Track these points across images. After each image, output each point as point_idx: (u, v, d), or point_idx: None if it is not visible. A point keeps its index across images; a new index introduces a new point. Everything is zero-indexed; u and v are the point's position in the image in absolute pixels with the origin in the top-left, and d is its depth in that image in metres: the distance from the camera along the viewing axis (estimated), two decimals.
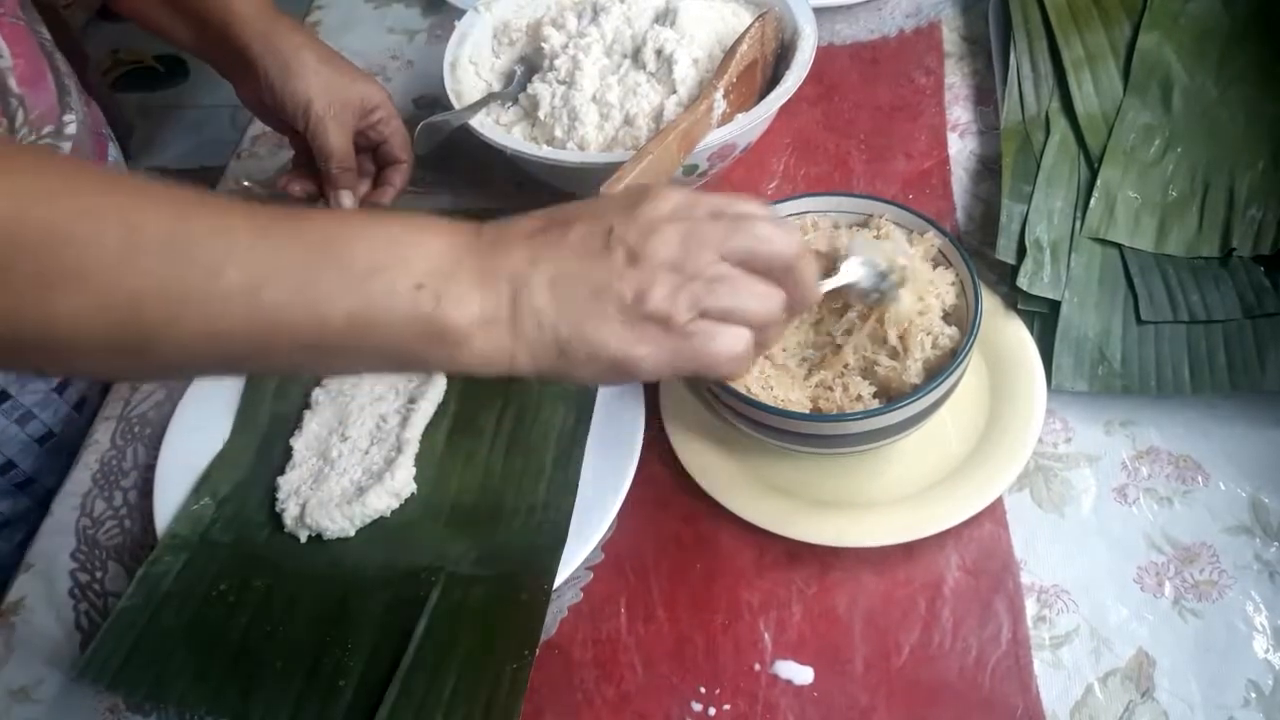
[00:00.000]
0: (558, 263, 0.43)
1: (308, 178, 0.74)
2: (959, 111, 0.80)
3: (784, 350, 0.59)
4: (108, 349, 0.40)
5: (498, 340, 0.42)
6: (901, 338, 0.56)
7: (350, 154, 0.72)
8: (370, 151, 0.76)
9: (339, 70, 0.72)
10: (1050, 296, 0.64)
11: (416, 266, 0.41)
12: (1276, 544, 0.55)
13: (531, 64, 0.78)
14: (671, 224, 0.43)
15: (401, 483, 0.61)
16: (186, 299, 0.39)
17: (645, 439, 0.61)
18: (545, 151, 0.70)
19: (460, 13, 0.81)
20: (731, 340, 0.43)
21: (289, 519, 0.61)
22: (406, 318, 0.41)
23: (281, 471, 0.63)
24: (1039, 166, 0.71)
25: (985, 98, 0.81)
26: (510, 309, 0.42)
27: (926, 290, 0.57)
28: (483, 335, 0.42)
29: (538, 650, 0.53)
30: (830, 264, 0.57)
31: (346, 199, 0.73)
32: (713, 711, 0.53)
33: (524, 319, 0.42)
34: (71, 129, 0.72)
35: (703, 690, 0.54)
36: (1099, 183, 0.69)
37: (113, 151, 0.83)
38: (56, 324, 0.38)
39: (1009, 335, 0.63)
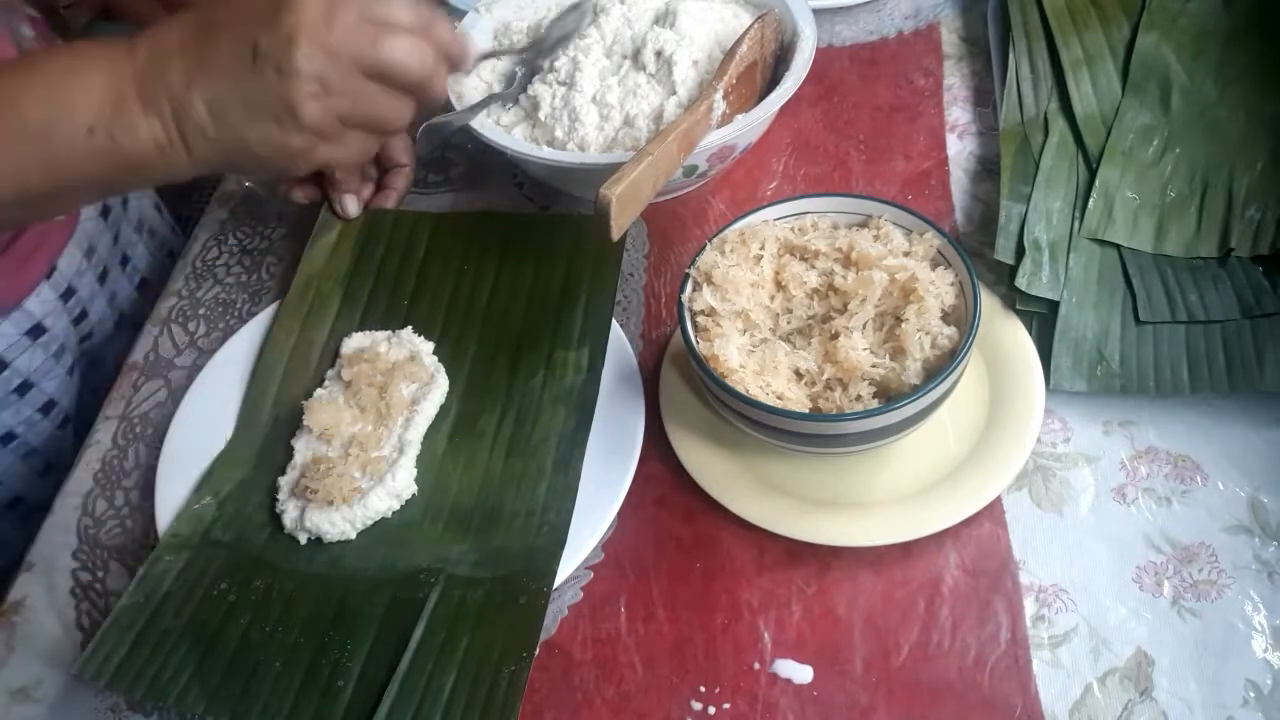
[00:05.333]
0: (210, 84, 0.45)
1: (310, 183, 0.74)
2: (958, 112, 0.80)
3: (786, 354, 0.59)
4: None
5: (175, 158, 0.46)
6: (900, 337, 0.57)
7: None
8: (372, 157, 0.76)
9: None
10: (1049, 297, 0.64)
11: (83, 110, 0.44)
12: (1275, 544, 0.55)
13: (532, 65, 0.78)
14: (310, 34, 0.45)
15: (402, 484, 0.61)
16: None
17: (645, 439, 0.61)
18: (545, 152, 0.70)
19: (460, 14, 0.81)
20: (366, 145, 0.50)
21: (288, 520, 0.61)
22: (90, 158, 0.44)
23: (283, 472, 0.63)
24: (1038, 167, 0.71)
25: (984, 99, 0.81)
26: (177, 131, 0.45)
27: (926, 291, 0.57)
28: (160, 158, 0.45)
29: (537, 651, 0.54)
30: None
31: (351, 203, 0.73)
32: (712, 710, 0.53)
33: (192, 137, 0.45)
34: None
35: (702, 689, 0.54)
36: (1097, 183, 0.69)
37: None
38: None
39: (1008, 336, 0.63)
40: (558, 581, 0.56)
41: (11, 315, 0.73)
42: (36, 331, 0.75)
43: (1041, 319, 0.64)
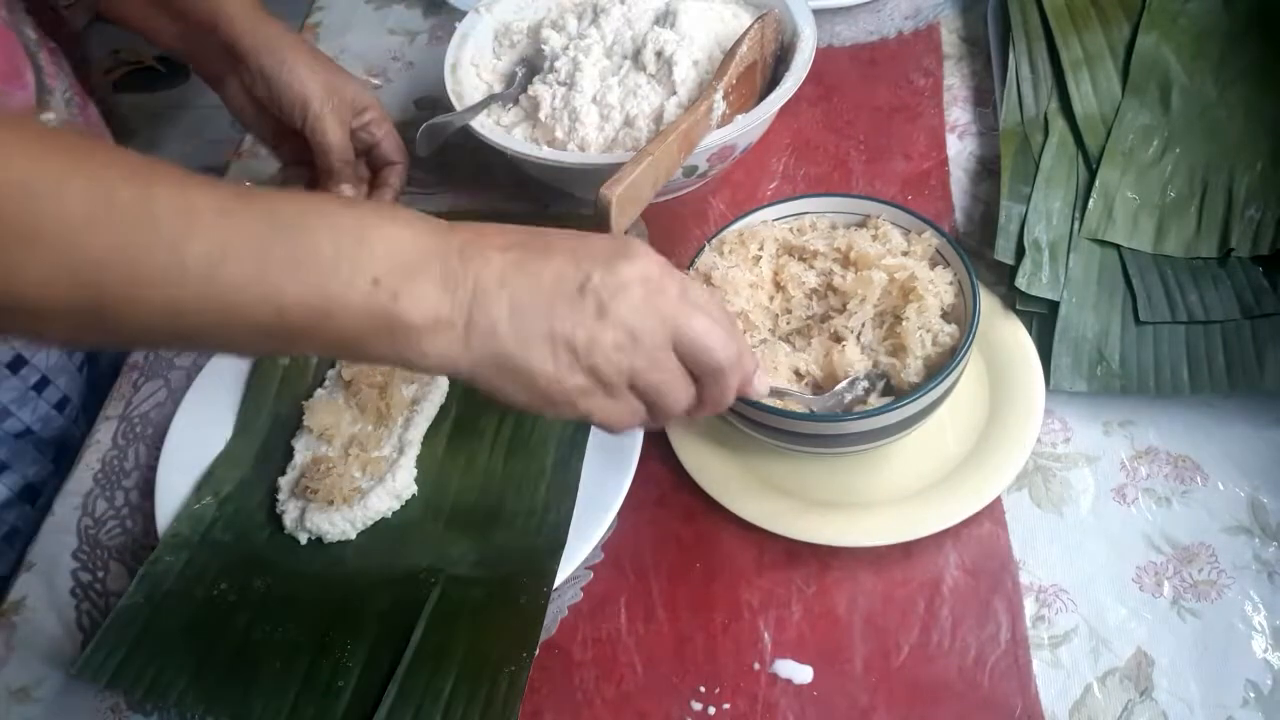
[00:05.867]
0: (528, 291, 0.43)
1: (305, 165, 0.74)
2: (958, 112, 0.80)
3: (786, 355, 0.59)
4: (70, 314, 0.40)
5: (446, 344, 0.43)
6: (901, 335, 0.57)
7: (350, 148, 0.72)
8: (364, 155, 0.76)
9: (331, 68, 0.72)
10: (1049, 297, 0.64)
11: (379, 260, 0.42)
12: (1275, 544, 0.55)
13: (532, 65, 0.78)
14: (643, 289, 0.44)
15: (402, 484, 0.61)
16: (146, 269, 0.39)
17: (645, 439, 0.61)
18: (546, 152, 0.70)
19: (461, 14, 0.82)
20: (634, 415, 0.47)
21: (288, 520, 0.61)
22: (361, 310, 0.41)
23: (283, 472, 0.63)
24: (1037, 167, 0.71)
25: (984, 99, 0.81)
26: (466, 317, 0.43)
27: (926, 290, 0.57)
28: (433, 336, 0.43)
29: (537, 651, 0.54)
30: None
31: (349, 192, 0.73)
32: (712, 710, 0.53)
33: (477, 331, 0.43)
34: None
35: (703, 689, 0.54)
36: (1097, 183, 0.69)
37: None
38: (22, 285, 0.38)
39: (1007, 336, 0.63)
40: (558, 581, 0.56)
41: None
42: None
43: (1041, 319, 0.64)
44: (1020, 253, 0.66)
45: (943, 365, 0.55)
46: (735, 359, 0.47)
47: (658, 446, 0.62)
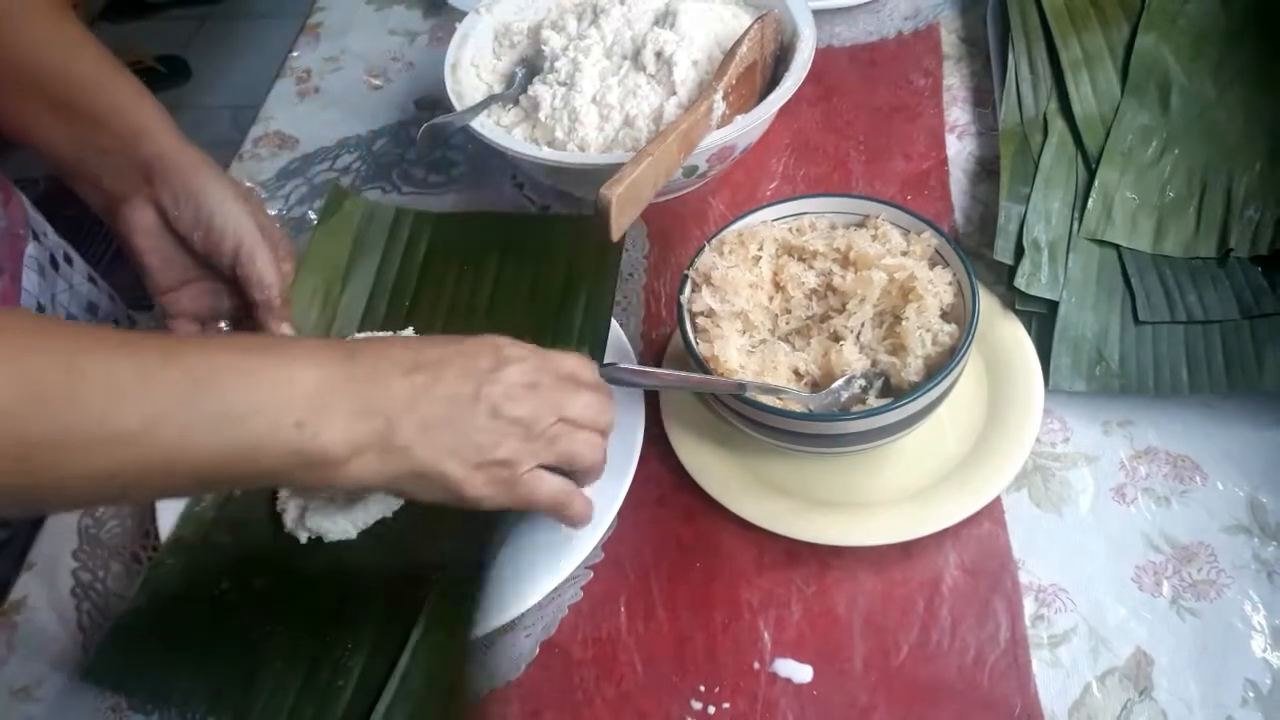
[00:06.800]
0: (432, 409, 0.48)
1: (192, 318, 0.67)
2: (957, 113, 0.80)
3: (786, 355, 0.59)
4: (3, 491, 0.42)
5: (364, 466, 0.47)
6: (901, 335, 0.57)
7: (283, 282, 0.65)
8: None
9: (250, 196, 0.65)
10: (1048, 297, 0.64)
11: (298, 404, 0.45)
12: (1274, 543, 0.55)
13: (532, 66, 0.78)
14: (525, 388, 0.50)
15: None
16: (76, 445, 0.41)
17: (645, 439, 0.61)
18: (546, 153, 0.71)
19: (461, 15, 0.82)
20: (556, 487, 0.52)
21: (289, 520, 0.61)
22: (286, 451, 0.45)
23: None
24: (1037, 167, 0.71)
25: (983, 99, 0.81)
26: (382, 441, 0.47)
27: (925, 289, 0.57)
28: (354, 463, 0.46)
29: (537, 651, 0.54)
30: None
31: (288, 330, 0.65)
32: (712, 710, 0.54)
33: (393, 451, 0.47)
34: None
35: (702, 689, 0.54)
36: (1097, 184, 0.69)
37: (31, 250, 0.75)
38: None
39: (1007, 336, 0.63)
40: (558, 581, 0.56)
41: None
42: None
43: (1041, 319, 0.64)
44: (1019, 253, 0.66)
45: (942, 365, 0.55)
46: (610, 416, 0.54)
47: (658, 446, 0.62)
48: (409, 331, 0.68)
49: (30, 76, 0.62)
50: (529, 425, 0.50)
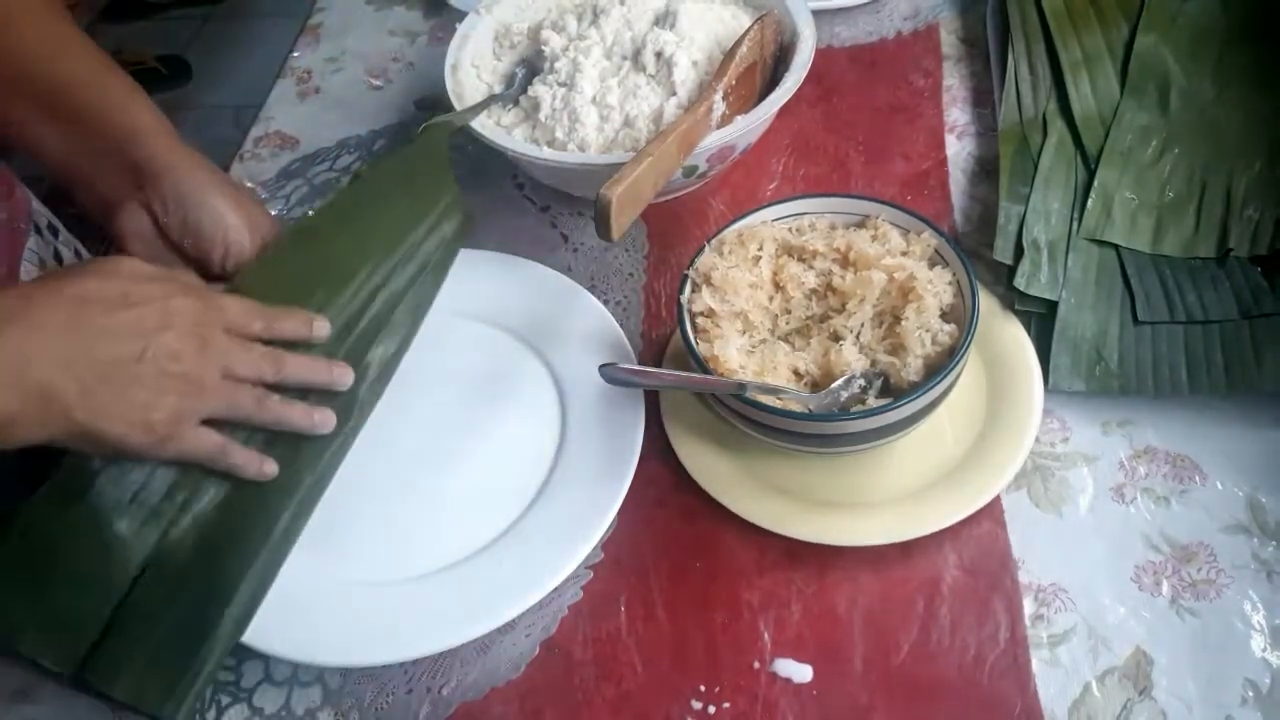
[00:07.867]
0: (91, 369, 0.50)
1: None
2: (957, 113, 0.80)
3: (785, 356, 0.59)
4: None
5: (24, 431, 0.49)
6: (900, 335, 0.57)
7: None
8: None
9: (245, 196, 0.65)
10: (1047, 297, 0.64)
11: None
12: (1274, 543, 0.55)
13: (532, 66, 0.78)
14: (191, 347, 0.53)
15: None
16: None
17: (645, 439, 0.61)
18: (546, 153, 0.71)
19: (461, 15, 0.82)
20: (210, 443, 0.55)
21: None
22: None
23: None
24: (1036, 168, 0.71)
25: (983, 99, 0.81)
26: (40, 406, 0.49)
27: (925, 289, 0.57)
28: (15, 429, 0.49)
29: (536, 650, 0.54)
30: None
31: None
32: (712, 710, 0.54)
33: (53, 415, 0.50)
34: None
35: (703, 689, 0.54)
36: (1096, 184, 0.69)
37: (32, 244, 0.73)
38: None
39: (1006, 336, 0.63)
40: (558, 581, 0.56)
41: None
42: None
43: (1040, 319, 0.64)
44: (1019, 253, 0.66)
45: (942, 365, 0.55)
46: (273, 358, 0.56)
47: (658, 447, 0.62)
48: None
49: (19, 76, 0.62)
50: (194, 382, 0.53)
